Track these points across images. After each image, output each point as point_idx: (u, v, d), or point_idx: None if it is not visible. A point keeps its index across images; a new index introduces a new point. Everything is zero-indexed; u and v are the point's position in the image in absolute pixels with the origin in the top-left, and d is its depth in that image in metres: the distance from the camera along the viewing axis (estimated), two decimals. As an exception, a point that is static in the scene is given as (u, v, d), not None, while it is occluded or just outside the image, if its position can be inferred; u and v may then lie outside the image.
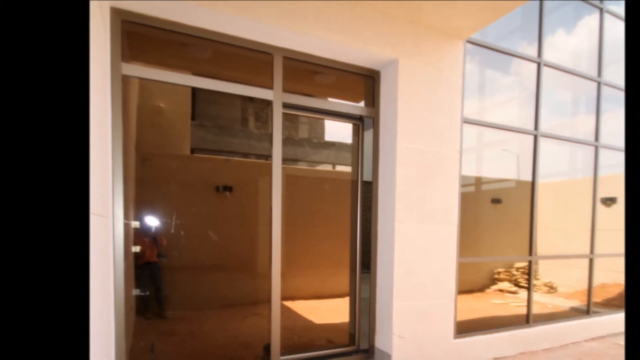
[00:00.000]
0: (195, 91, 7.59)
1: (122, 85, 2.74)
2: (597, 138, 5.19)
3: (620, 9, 5.38)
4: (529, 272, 4.62)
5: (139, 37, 2.99)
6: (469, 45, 4.09)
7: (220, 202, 5.85)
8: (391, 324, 3.54)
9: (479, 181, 4.64)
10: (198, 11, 2.74)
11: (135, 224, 3.07)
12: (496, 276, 4.86)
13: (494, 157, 4.78)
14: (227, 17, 2.81)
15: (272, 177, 3.29)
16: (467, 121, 4.03)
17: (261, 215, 5.92)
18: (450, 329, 3.85)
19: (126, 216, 2.82)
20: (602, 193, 5.25)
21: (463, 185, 3.99)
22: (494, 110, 4.49)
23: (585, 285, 5.18)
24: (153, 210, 4.97)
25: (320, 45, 3.25)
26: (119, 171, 2.72)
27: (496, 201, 4.73)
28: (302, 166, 10.92)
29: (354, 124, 3.89)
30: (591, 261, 5.18)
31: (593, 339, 4.95)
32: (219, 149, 9.66)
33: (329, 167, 11.35)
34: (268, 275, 3.33)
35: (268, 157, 3.37)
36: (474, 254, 4.33)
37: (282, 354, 3.38)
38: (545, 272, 5.09)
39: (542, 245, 4.78)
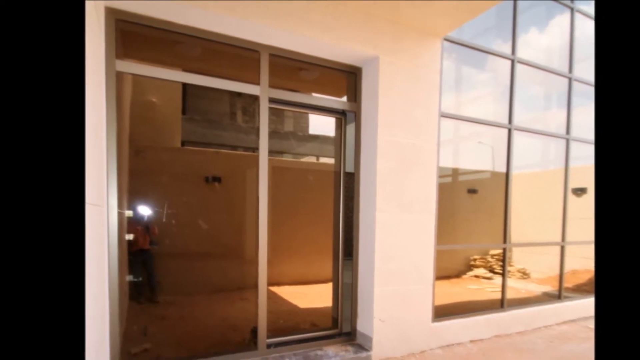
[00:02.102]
0: (185, 87, 7.61)
1: (116, 81, 2.77)
2: (568, 131, 5.31)
3: (590, 8, 5.48)
4: (503, 259, 4.71)
5: (133, 36, 3.02)
6: (446, 43, 4.16)
7: (209, 193, 5.90)
8: (372, 308, 3.62)
9: (455, 172, 4.69)
10: (189, 11, 2.79)
11: (128, 213, 3.10)
12: (472, 263, 4.94)
13: (470, 150, 4.82)
14: (216, 16, 2.87)
15: (259, 169, 3.35)
16: (444, 115, 4.13)
17: (248, 205, 5.96)
18: (429, 313, 3.95)
19: (120, 205, 2.86)
20: (573, 183, 5.35)
21: (441, 176, 4.08)
22: (470, 104, 4.54)
23: (556, 272, 5.30)
24: (146, 200, 4.97)
25: (305, 42, 3.31)
26: (113, 163, 2.77)
27: (472, 191, 4.79)
28: (287, 158, 10.96)
29: (336, 118, 3.95)
30: (562, 248, 5.30)
31: (564, 323, 5.06)
32: (209, 142, 9.67)
33: (313, 159, 11.42)
34: (255, 262, 3.38)
35: (255, 149, 3.41)
36: (451, 242, 4.40)
37: (269, 337, 3.43)
38: (519, 259, 5.18)
39: (516, 233, 4.86)
